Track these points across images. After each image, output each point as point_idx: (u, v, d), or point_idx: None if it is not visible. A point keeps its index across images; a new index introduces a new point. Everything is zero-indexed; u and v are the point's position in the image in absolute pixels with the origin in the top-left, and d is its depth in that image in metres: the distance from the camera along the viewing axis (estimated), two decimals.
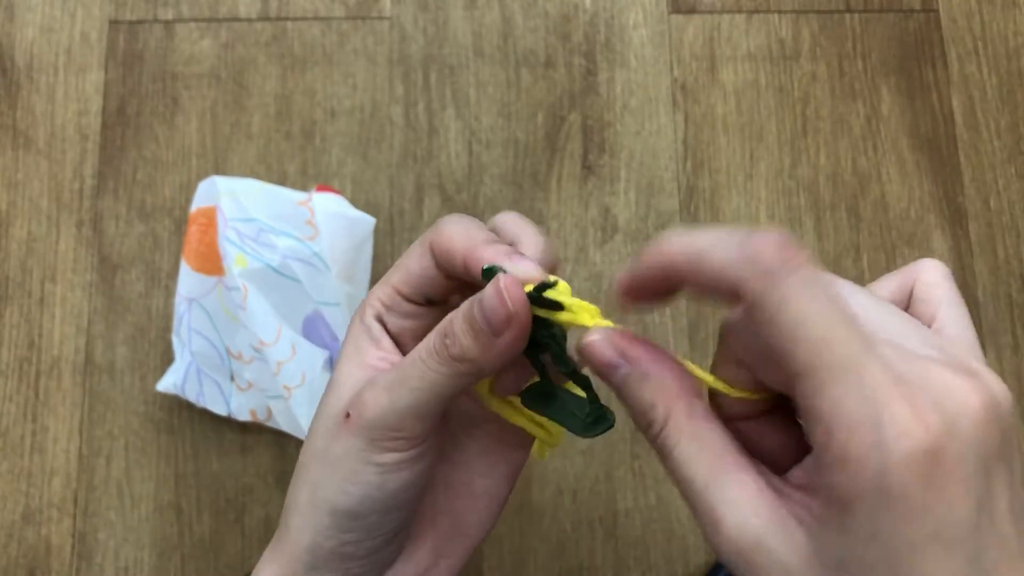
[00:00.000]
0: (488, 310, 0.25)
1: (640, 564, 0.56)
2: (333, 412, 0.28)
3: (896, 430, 0.19)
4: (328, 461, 0.28)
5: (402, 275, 0.29)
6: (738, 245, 0.22)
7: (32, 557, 0.55)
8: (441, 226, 0.28)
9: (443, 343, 0.26)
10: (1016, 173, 0.62)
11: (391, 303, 0.30)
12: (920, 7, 0.64)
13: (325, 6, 0.63)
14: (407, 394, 0.27)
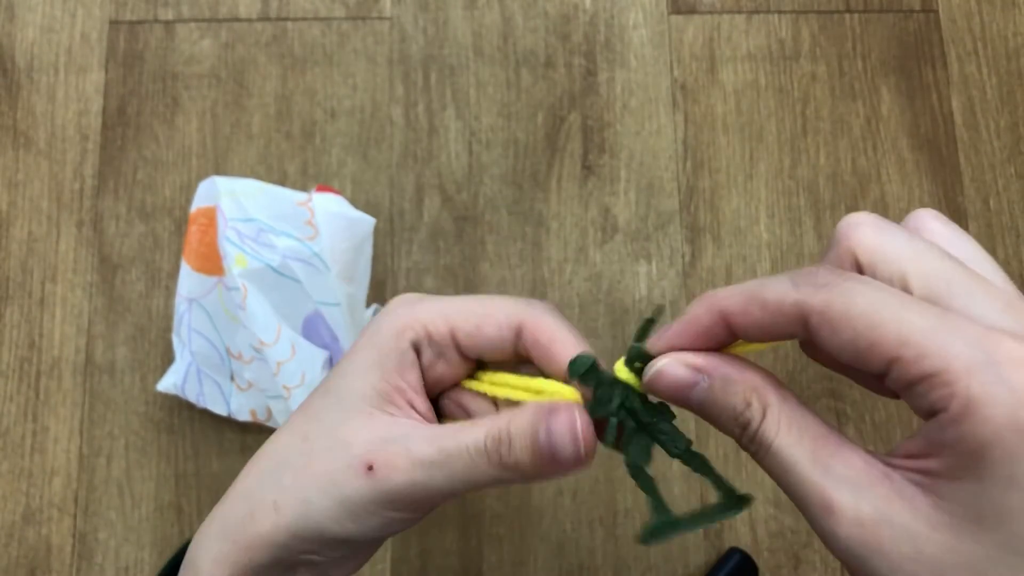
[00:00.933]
0: (558, 446, 0.26)
1: (640, 564, 0.56)
2: (345, 441, 0.27)
3: (1014, 363, 0.19)
4: (330, 492, 0.27)
5: (470, 330, 0.28)
6: (788, 276, 0.22)
7: (33, 557, 0.55)
8: (540, 314, 0.27)
9: (497, 450, 0.26)
10: (1016, 173, 0.62)
11: (440, 341, 0.28)
12: (920, 7, 0.64)
13: (325, 6, 0.63)
14: (443, 480, 0.26)
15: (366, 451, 0.27)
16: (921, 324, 0.20)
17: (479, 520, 0.56)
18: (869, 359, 0.21)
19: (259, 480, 0.28)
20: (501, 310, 0.28)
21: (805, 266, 0.23)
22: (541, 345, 0.27)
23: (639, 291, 0.59)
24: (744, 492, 0.27)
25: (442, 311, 0.28)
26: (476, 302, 0.28)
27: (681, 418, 0.28)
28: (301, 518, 0.27)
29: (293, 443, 0.28)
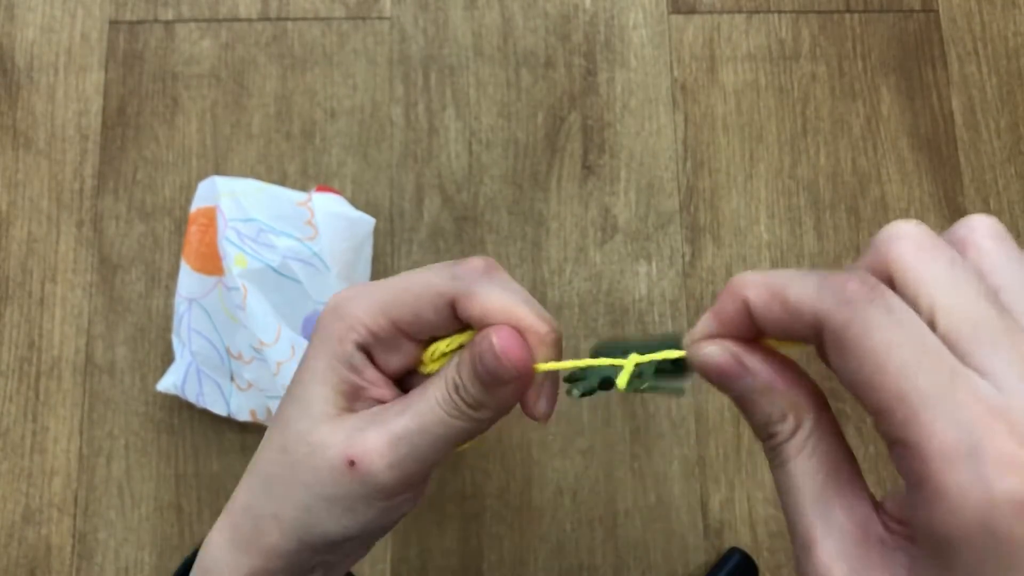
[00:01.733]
0: (489, 366, 0.26)
1: (640, 564, 0.56)
2: (321, 444, 0.27)
3: (998, 462, 0.18)
4: (323, 494, 0.27)
5: (410, 319, 0.27)
6: (817, 278, 0.21)
7: (32, 557, 0.55)
8: (469, 287, 0.27)
9: (456, 393, 0.27)
10: (1016, 173, 0.62)
11: (386, 337, 0.28)
12: (920, 7, 0.64)
13: (325, 6, 0.63)
14: (427, 446, 0.27)
15: (342, 449, 0.27)
16: (923, 387, 0.19)
17: (479, 520, 0.56)
18: (863, 397, 0.20)
19: (253, 496, 0.29)
20: (432, 290, 0.27)
21: (803, 265, 0.22)
22: (476, 319, 0.27)
23: (639, 291, 0.59)
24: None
25: (379, 304, 0.28)
26: (406, 286, 0.28)
27: (680, 417, 0.28)
28: (303, 526, 0.28)
29: (274, 457, 0.28)
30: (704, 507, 0.57)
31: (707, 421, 0.57)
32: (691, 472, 0.57)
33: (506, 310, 0.27)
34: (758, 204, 0.61)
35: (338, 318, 0.28)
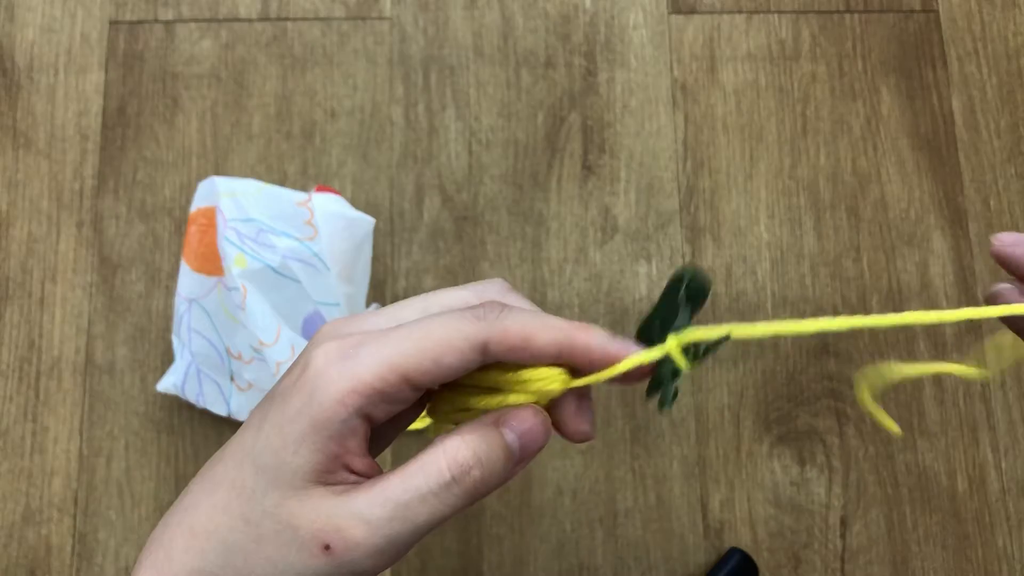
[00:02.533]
0: (532, 441, 0.25)
1: (640, 564, 0.56)
2: (289, 518, 0.25)
3: None
4: (280, 570, 0.26)
5: (428, 367, 0.25)
6: None
7: (32, 557, 0.55)
8: (498, 322, 0.25)
9: (465, 476, 0.25)
10: (1016, 173, 0.62)
11: (395, 394, 0.25)
12: (920, 7, 0.64)
13: (325, 7, 0.63)
14: (409, 531, 0.25)
15: (316, 532, 0.25)
16: None
17: (479, 520, 0.56)
18: None
19: (207, 561, 0.27)
20: (461, 335, 0.25)
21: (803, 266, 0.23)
22: (517, 349, 0.25)
23: (639, 291, 0.59)
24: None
25: (389, 360, 0.25)
26: (425, 335, 0.25)
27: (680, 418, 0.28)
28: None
29: (235, 525, 0.26)
30: (704, 507, 0.57)
31: (707, 421, 0.57)
32: (691, 472, 0.57)
33: (547, 323, 0.25)
34: (758, 204, 0.61)
35: (338, 379, 0.25)
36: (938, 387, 0.58)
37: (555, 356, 0.25)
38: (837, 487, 0.57)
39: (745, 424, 0.58)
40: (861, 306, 0.59)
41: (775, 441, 0.57)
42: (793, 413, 0.58)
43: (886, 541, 0.56)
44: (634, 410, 0.58)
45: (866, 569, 0.56)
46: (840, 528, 0.56)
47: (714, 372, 0.58)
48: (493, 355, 0.25)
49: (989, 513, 0.57)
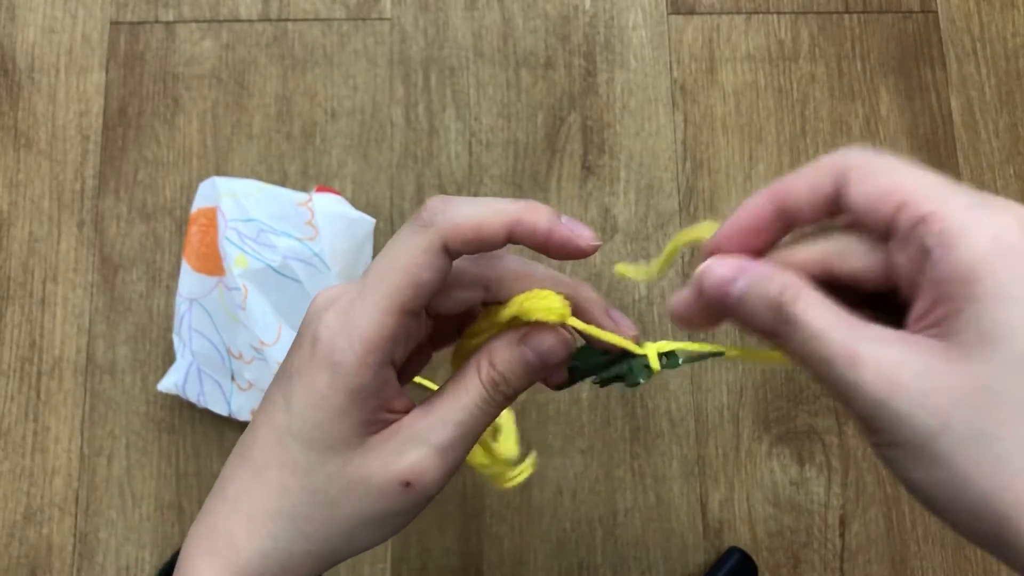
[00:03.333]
0: (547, 355, 0.28)
1: (640, 563, 0.56)
2: (361, 476, 0.27)
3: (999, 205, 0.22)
4: (370, 520, 0.28)
5: (411, 292, 0.26)
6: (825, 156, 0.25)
7: (34, 556, 0.55)
8: (446, 221, 0.26)
9: (497, 389, 0.28)
10: (1015, 173, 0.62)
11: (402, 331, 0.26)
12: (919, 8, 0.64)
13: (326, 7, 0.63)
14: (470, 442, 0.28)
15: (392, 475, 0.27)
16: (928, 180, 0.23)
17: (479, 519, 0.56)
18: (884, 205, 0.23)
19: (277, 540, 0.28)
20: (417, 249, 0.26)
21: None
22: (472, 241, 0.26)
23: (639, 291, 0.59)
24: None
25: (380, 305, 0.26)
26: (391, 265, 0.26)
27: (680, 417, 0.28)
28: (342, 552, 0.28)
29: (299, 500, 0.27)
30: (703, 506, 0.57)
31: (706, 421, 0.58)
32: (690, 471, 0.57)
33: (495, 209, 0.26)
34: None
35: (350, 341, 0.26)
36: None
37: (507, 239, 0.26)
38: (836, 486, 0.57)
39: (744, 424, 0.58)
40: None
41: (774, 441, 0.57)
42: (792, 413, 0.58)
43: (885, 540, 0.56)
44: (634, 410, 0.58)
45: (865, 568, 0.56)
46: (839, 527, 0.57)
47: (714, 372, 0.58)
48: (456, 253, 0.26)
49: None
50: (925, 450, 0.22)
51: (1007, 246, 0.21)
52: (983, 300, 0.21)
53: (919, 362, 0.22)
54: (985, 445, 0.21)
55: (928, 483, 0.22)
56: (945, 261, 0.22)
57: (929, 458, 0.22)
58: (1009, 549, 0.21)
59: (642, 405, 0.58)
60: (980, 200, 0.22)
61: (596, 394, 0.58)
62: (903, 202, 0.23)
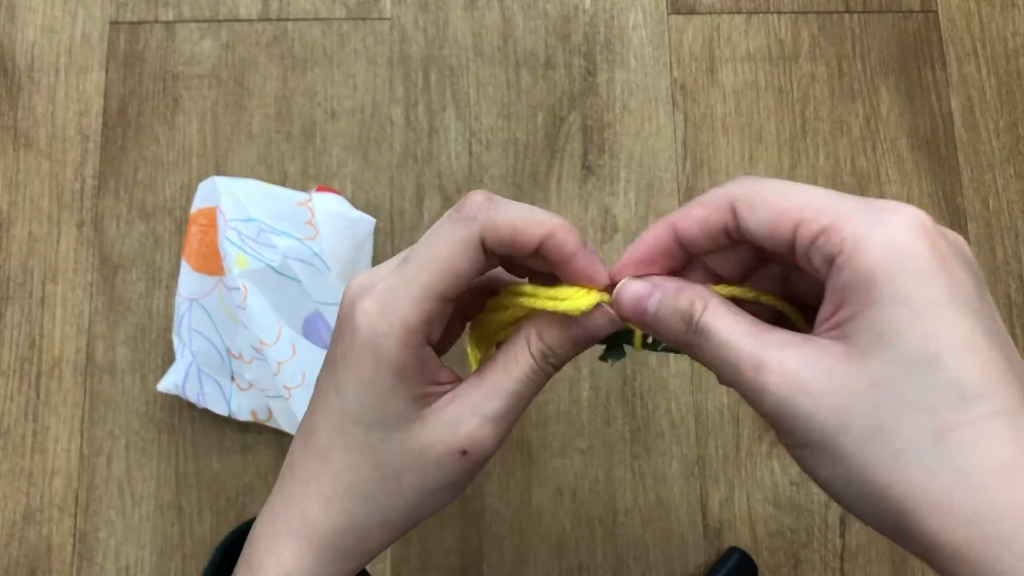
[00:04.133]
0: (598, 332, 0.29)
1: (640, 564, 0.56)
2: (422, 447, 0.28)
3: (891, 209, 0.23)
4: (435, 489, 0.29)
5: (451, 282, 0.27)
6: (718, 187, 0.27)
7: (33, 556, 0.55)
8: (488, 220, 0.27)
9: (546, 360, 0.29)
10: (1015, 173, 0.62)
11: (440, 317, 0.28)
12: (919, 8, 0.64)
13: (326, 7, 0.63)
14: (521, 411, 0.29)
15: (449, 444, 0.28)
16: (817, 194, 0.24)
17: (479, 520, 0.56)
18: (781, 227, 0.24)
19: (352, 516, 0.29)
20: (459, 240, 0.27)
21: None
22: (507, 243, 0.28)
23: None
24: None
25: (419, 292, 0.27)
26: (433, 254, 0.28)
27: (680, 417, 0.29)
28: (411, 520, 0.30)
29: (368, 476, 0.29)
30: (703, 506, 0.57)
31: (707, 421, 0.57)
32: (690, 472, 0.57)
33: (532, 219, 0.28)
34: None
35: (390, 326, 0.27)
36: None
37: (537, 249, 0.28)
38: None
39: (744, 424, 0.58)
40: None
41: (774, 441, 0.57)
42: None
43: (885, 540, 0.56)
44: (634, 410, 0.58)
45: (865, 568, 0.56)
46: (839, 527, 0.57)
47: None
48: (491, 249, 0.28)
49: None
50: (828, 448, 0.23)
51: (900, 250, 0.22)
52: (878, 304, 0.22)
53: (819, 365, 0.23)
54: (881, 441, 0.22)
55: (834, 479, 0.23)
56: (846, 268, 0.23)
57: (832, 456, 0.23)
58: (910, 538, 0.22)
59: (642, 405, 0.58)
60: (872, 206, 0.23)
61: (596, 394, 0.58)
62: (799, 220, 0.24)
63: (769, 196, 0.25)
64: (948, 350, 0.22)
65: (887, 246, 0.22)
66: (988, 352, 0.22)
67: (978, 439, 0.21)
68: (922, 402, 0.22)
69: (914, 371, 0.22)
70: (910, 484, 0.22)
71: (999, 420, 0.21)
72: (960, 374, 0.22)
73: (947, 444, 0.21)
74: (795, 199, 0.24)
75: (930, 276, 0.22)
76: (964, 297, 0.22)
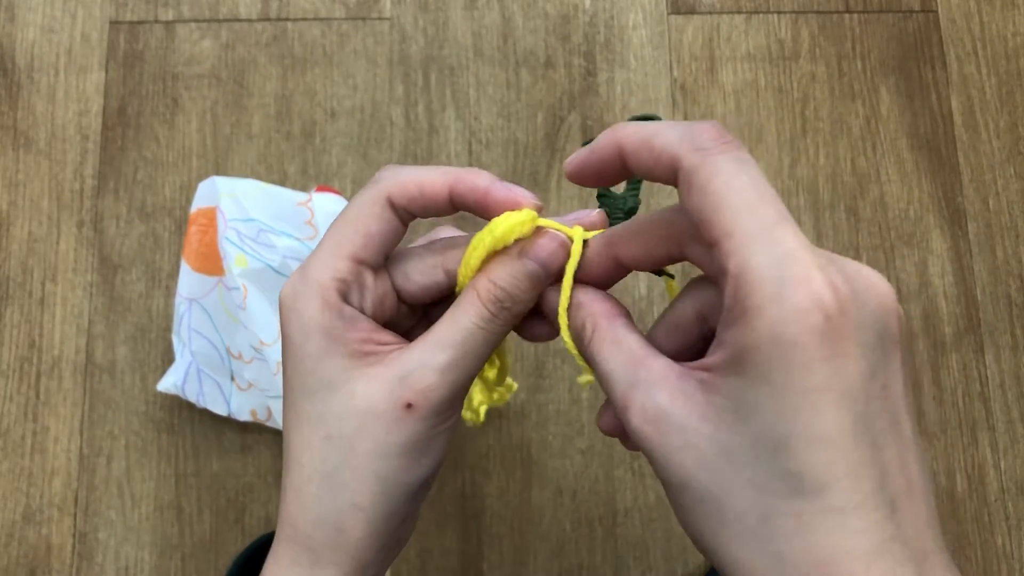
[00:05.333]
0: (549, 260, 0.29)
1: (639, 563, 0.56)
2: (369, 407, 0.28)
3: (800, 287, 0.21)
4: (390, 452, 0.28)
5: (360, 241, 0.28)
6: (681, 128, 0.25)
7: (33, 556, 0.55)
8: (392, 178, 0.29)
9: (499, 305, 0.28)
10: (1015, 173, 0.62)
11: (354, 277, 0.28)
12: (919, 8, 0.64)
13: (325, 7, 0.63)
14: (472, 363, 0.28)
15: (393, 401, 0.28)
16: (752, 223, 0.22)
17: (479, 520, 0.56)
18: (703, 231, 0.23)
19: (320, 501, 0.28)
20: (367, 202, 0.28)
21: None
22: (415, 197, 0.29)
23: (639, 291, 0.59)
24: None
25: (331, 255, 0.28)
26: (343, 219, 0.28)
27: None
28: (383, 495, 0.28)
29: (323, 448, 0.28)
30: None
31: None
32: None
33: (438, 171, 0.29)
34: None
35: (308, 290, 0.28)
36: (937, 387, 0.58)
37: (447, 197, 0.29)
38: None
39: None
40: None
41: None
42: None
43: None
44: None
45: None
46: None
47: None
48: (402, 208, 0.29)
49: (988, 513, 0.57)
50: (675, 497, 0.24)
51: (781, 339, 0.21)
52: (748, 377, 0.21)
53: (678, 416, 0.23)
54: (714, 508, 0.22)
55: (682, 521, 0.24)
56: (732, 330, 0.22)
57: (678, 504, 0.24)
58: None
59: None
60: (780, 257, 0.21)
61: (596, 394, 0.58)
62: (718, 242, 0.22)
63: (709, 192, 0.23)
64: (797, 438, 0.21)
65: (771, 329, 0.21)
66: (844, 444, 0.21)
67: (802, 530, 0.21)
68: (759, 484, 0.22)
69: (761, 452, 0.21)
70: (732, 556, 0.22)
71: (829, 516, 0.21)
72: (802, 465, 0.21)
73: (772, 528, 0.21)
74: (727, 218, 0.22)
75: (807, 364, 0.21)
76: (844, 384, 0.21)
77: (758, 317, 0.21)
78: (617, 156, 0.26)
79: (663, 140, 0.25)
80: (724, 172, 0.23)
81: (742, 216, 0.22)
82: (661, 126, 0.26)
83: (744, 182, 0.23)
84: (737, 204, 0.22)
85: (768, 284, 0.21)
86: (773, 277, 0.21)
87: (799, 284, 0.21)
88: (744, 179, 0.23)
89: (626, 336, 0.26)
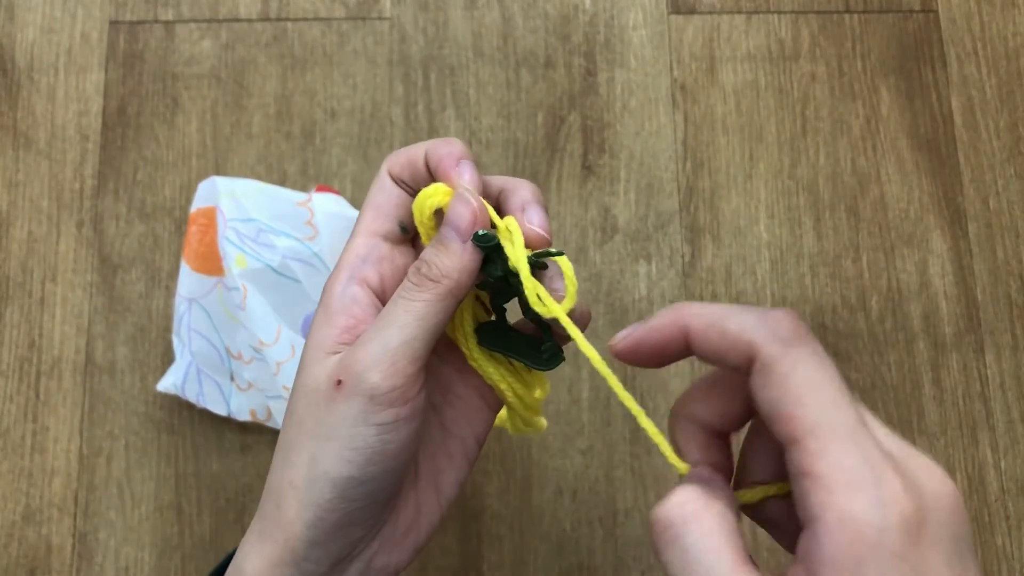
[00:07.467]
0: (455, 217, 0.29)
1: (640, 564, 0.56)
2: (315, 385, 0.28)
3: (892, 494, 0.21)
4: (322, 434, 0.28)
5: (372, 214, 0.31)
6: (756, 314, 0.24)
7: (33, 557, 0.55)
8: (391, 155, 0.32)
9: (419, 274, 0.29)
10: (1015, 173, 0.62)
11: (368, 251, 0.31)
12: (919, 8, 0.64)
13: (325, 7, 0.63)
14: (397, 333, 0.28)
15: (326, 376, 0.28)
16: (836, 422, 0.22)
17: (479, 520, 0.56)
18: (780, 426, 0.23)
19: (272, 472, 0.30)
20: (375, 186, 0.32)
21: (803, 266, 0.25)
22: (406, 166, 0.32)
23: (639, 291, 0.59)
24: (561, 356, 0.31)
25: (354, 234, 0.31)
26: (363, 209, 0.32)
27: None
28: (309, 478, 0.28)
29: (286, 424, 0.30)
30: None
31: None
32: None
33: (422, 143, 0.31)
34: (758, 204, 0.61)
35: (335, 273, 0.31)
36: (937, 387, 0.58)
37: (430, 169, 0.31)
38: None
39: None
40: (860, 305, 0.59)
41: None
42: None
43: None
44: None
45: None
46: None
47: None
48: (399, 178, 0.32)
49: (988, 513, 0.57)
50: None
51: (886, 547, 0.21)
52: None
53: None
54: None
55: None
56: (809, 536, 0.22)
57: None
58: None
59: (642, 405, 0.57)
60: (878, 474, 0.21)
61: (596, 394, 0.58)
62: (798, 440, 0.22)
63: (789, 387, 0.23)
64: None
65: (874, 535, 0.21)
66: None
67: None
68: None
69: None
70: None
71: None
72: None
73: None
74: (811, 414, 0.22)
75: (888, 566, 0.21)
76: None
77: (862, 525, 0.21)
78: (681, 337, 0.26)
79: (738, 325, 0.24)
80: (806, 365, 0.23)
81: (828, 413, 0.22)
82: (730, 310, 0.25)
83: (825, 376, 0.23)
84: (822, 399, 0.22)
85: (866, 490, 0.21)
86: (869, 482, 0.21)
87: (893, 493, 0.21)
88: (824, 373, 0.23)
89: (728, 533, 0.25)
